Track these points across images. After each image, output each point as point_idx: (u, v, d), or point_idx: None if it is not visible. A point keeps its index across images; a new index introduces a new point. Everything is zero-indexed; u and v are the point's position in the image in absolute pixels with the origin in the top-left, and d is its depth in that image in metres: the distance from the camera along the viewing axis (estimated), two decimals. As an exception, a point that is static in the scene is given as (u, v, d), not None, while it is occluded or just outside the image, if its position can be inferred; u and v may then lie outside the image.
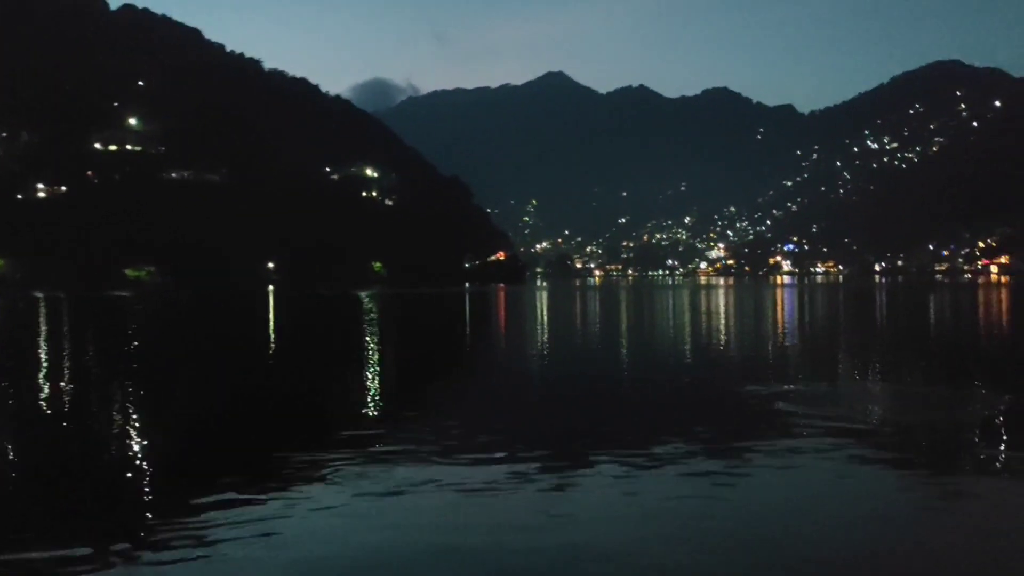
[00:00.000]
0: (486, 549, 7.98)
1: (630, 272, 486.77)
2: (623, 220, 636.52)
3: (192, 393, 19.23)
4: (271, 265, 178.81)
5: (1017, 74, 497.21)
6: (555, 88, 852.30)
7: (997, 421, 13.87)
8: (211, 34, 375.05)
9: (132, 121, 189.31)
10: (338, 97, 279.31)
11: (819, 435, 12.69)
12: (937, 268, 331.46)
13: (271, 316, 55.66)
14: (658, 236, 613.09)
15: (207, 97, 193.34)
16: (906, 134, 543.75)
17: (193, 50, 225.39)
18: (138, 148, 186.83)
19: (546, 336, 37.28)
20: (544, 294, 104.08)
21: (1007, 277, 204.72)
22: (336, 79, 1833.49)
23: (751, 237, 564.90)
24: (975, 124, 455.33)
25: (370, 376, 22.22)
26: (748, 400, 16.16)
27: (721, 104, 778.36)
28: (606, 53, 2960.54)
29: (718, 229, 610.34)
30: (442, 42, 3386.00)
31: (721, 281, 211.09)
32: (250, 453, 12.49)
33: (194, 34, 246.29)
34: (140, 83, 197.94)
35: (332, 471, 10.84)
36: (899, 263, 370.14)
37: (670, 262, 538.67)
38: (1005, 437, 12.75)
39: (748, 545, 8.04)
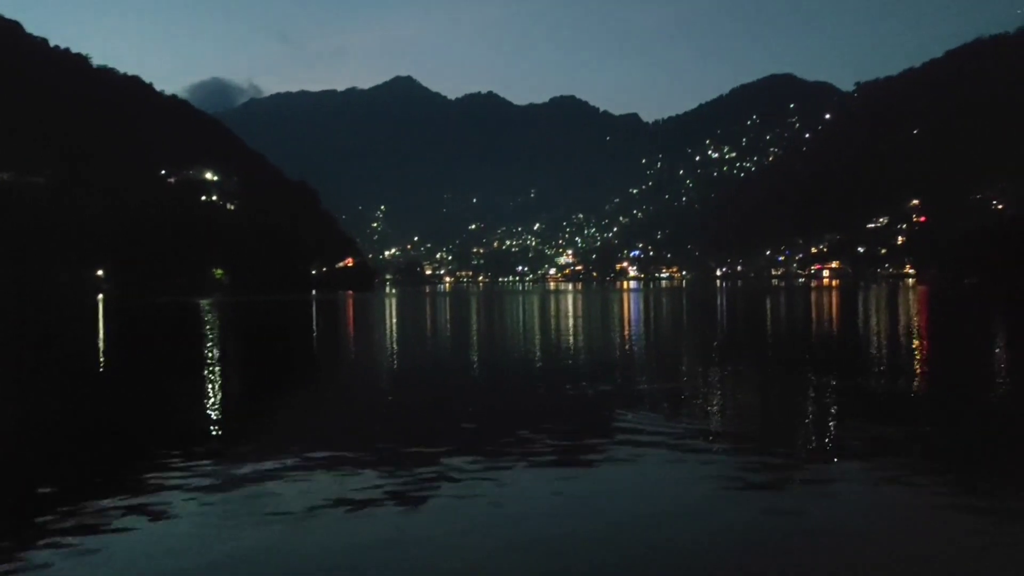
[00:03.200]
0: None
1: (480, 278, 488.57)
2: (473, 227, 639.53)
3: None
4: (101, 272, 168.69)
5: (844, 88, 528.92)
6: (403, 93, 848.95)
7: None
8: (33, 28, 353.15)
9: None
10: (174, 97, 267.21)
11: (664, 445, 12.38)
12: (773, 272, 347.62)
13: (99, 326, 51.17)
14: (508, 243, 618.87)
15: (29, 94, 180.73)
16: (744, 144, 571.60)
17: (12, 44, 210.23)
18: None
19: (395, 344, 35.90)
20: (393, 301, 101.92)
21: (837, 281, 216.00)
22: (172, 78, 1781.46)
23: (599, 243, 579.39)
24: (807, 135, 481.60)
25: (206, 390, 20.15)
26: (587, 405, 16.26)
27: (569, 112, 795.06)
28: (455, 59, 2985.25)
29: (567, 236, 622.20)
30: (286, 43, 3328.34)
31: (570, 287, 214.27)
32: (75, 473, 11.43)
33: (14, 27, 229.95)
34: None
35: (160, 493, 10.09)
36: (738, 268, 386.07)
37: (520, 268, 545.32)
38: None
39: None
